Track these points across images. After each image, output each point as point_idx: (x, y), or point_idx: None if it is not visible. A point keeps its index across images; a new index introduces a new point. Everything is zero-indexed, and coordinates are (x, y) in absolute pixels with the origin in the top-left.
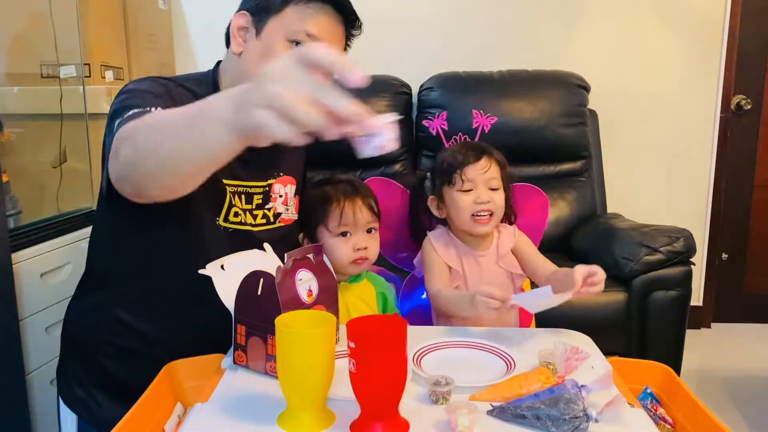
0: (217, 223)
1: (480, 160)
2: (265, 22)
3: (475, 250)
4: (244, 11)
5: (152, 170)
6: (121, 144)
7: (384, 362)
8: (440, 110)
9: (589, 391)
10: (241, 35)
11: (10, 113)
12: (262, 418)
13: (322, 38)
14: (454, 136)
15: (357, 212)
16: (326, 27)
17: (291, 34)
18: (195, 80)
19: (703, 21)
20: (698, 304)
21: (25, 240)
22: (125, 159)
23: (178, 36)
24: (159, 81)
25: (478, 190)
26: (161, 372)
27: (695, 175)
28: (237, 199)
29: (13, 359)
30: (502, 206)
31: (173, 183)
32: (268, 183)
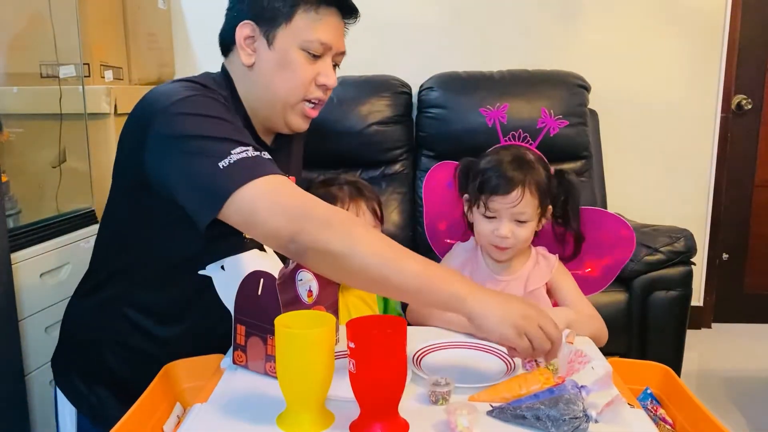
0: (243, 236)
1: (510, 194)
2: (275, 32)
3: (498, 274)
4: (248, 21)
5: (349, 276)
6: (307, 224)
7: (384, 362)
8: (502, 102)
9: (589, 392)
10: (248, 45)
11: (10, 113)
12: (261, 418)
13: (333, 43)
14: (513, 132)
15: (361, 216)
16: (334, 30)
17: (304, 44)
18: (213, 80)
19: (703, 21)
20: (698, 304)
21: (24, 240)
22: (317, 244)
23: (177, 36)
24: (208, 95)
25: (501, 221)
26: (160, 372)
27: (695, 175)
28: None
29: (12, 359)
30: (526, 239)
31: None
32: None
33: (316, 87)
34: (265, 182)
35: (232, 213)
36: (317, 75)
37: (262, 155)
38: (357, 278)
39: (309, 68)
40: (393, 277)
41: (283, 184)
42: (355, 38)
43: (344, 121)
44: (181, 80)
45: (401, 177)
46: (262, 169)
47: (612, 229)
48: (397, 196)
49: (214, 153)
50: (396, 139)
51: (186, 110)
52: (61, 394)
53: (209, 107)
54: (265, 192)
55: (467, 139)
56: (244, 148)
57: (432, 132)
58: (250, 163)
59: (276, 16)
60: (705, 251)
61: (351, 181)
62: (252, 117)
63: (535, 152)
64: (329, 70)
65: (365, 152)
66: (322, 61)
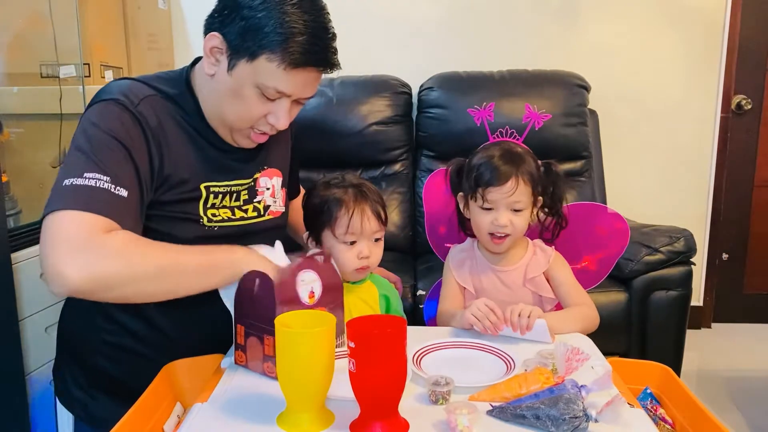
0: (201, 223)
1: (505, 184)
2: (237, 62)
3: (496, 265)
4: (217, 34)
5: (145, 296)
6: (97, 255)
7: (384, 362)
8: (489, 101)
9: (589, 391)
10: (214, 54)
11: (10, 113)
12: (261, 418)
13: (292, 92)
14: (500, 129)
15: (365, 221)
16: (300, 82)
17: (261, 86)
18: (167, 79)
19: (703, 21)
20: (698, 304)
21: (24, 240)
22: (103, 281)
23: (177, 36)
24: (125, 108)
25: (498, 211)
26: (161, 372)
27: (695, 175)
28: (219, 199)
29: (12, 359)
30: (522, 228)
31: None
32: (254, 178)
33: (265, 122)
34: (69, 217)
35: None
36: (268, 113)
37: (110, 189)
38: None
39: (260, 106)
40: (168, 285)
41: (86, 222)
42: (356, 38)
43: (344, 121)
44: (128, 80)
45: (401, 177)
46: (91, 205)
47: (607, 222)
48: (397, 196)
49: (71, 168)
50: (396, 139)
51: (92, 119)
52: (60, 405)
53: (110, 126)
54: (64, 229)
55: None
56: (98, 176)
57: (432, 132)
58: (87, 192)
59: (240, 49)
60: (705, 251)
61: (356, 183)
62: (208, 116)
63: (523, 146)
64: (282, 112)
65: (365, 152)
66: (277, 103)
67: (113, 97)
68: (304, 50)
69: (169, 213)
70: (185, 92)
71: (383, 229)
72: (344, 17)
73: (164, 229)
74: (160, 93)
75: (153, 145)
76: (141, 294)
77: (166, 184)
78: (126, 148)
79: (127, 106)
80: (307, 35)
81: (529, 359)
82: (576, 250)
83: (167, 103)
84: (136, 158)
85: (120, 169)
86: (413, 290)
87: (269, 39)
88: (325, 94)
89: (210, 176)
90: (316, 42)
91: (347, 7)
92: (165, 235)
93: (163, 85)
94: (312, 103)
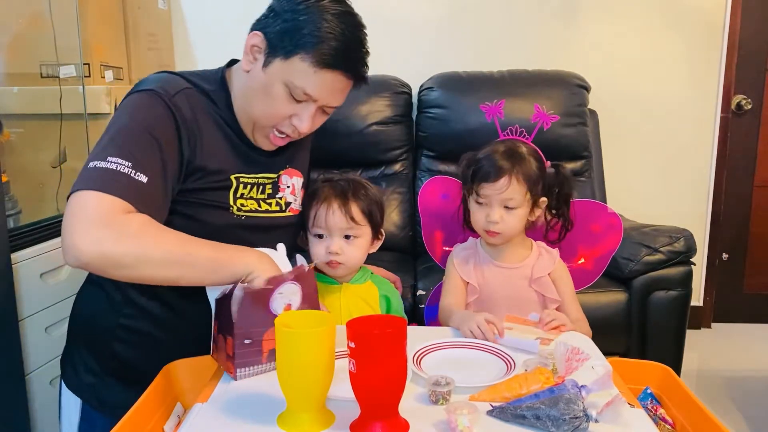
0: (231, 211)
1: (498, 180)
2: (273, 60)
3: (500, 262)
4: (260, 33)
5: (150, 280)
6: (112, 234)
7: (384, 362)
8: (499, 98)
9: (589, 392)
10: (254, 53)
11: (10, 113)
12: (262, 418)
13: (319, 97)
14: (510, 127)
15: (329, 215)
16: (328, 86)
17: (290, 84)
18: (203, 76)
19: (703, 21)
20: (698, 304)
21: (24, 240)
22: (113, 259)
23: (177, 36)
24: (161, 99)
25: (491, 207)
26: (161, 372)
27: (695, 175)
28: (247, 190)
29: (12, 359)
30: (514, 226)
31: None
32: (278, 174)
33: (289, 123)
34: (90, 197)
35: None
36: (293, 115)
37: (129, 174)
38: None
39: (287, 106)
40: (177, 271)
41: (101, 200)
42: None
43: (344, 121)
44: (167, 73)
45: (401, 177)
46: (108, 186)
47: (602, 219)
48: (397, 196)
49: (99, 152)
50: (396, 139)
51: (127, 109)
52: (65, 389)
53: (143, 116)
54: (84, 207)
55: (467, 139)
56: (120, 161)
57: (432, 132)
58: (108, 174)
59: (278, 47)
60: (705, 251)
61: (345, 180)
62: (238, 112)
63: (530, 146)
64: (306, 116)
65: (365, 152)
66: (304, 106)
67: (151, 87)
68: (335, 54)
69: (200, 200)
70: (219, 89)
71: (358, 228)
72: None
73: (195, 215)
74: (196, 87)
75: (185, 137)
76: (146, 277)
77: (199, 173)
78: (155, 138)
79: (163, 97)
80: (341, 42)
81: (529, 359)
82: (572, 248)
83: (202, 97)
84: (164, 149)
85: (144, 156)
86: (413, 290)
87: (305, 40)
88: None
89: (241, 168)
90: (349, 50)
91: None
92: (195, 220)
93: (199, 80)
94: None
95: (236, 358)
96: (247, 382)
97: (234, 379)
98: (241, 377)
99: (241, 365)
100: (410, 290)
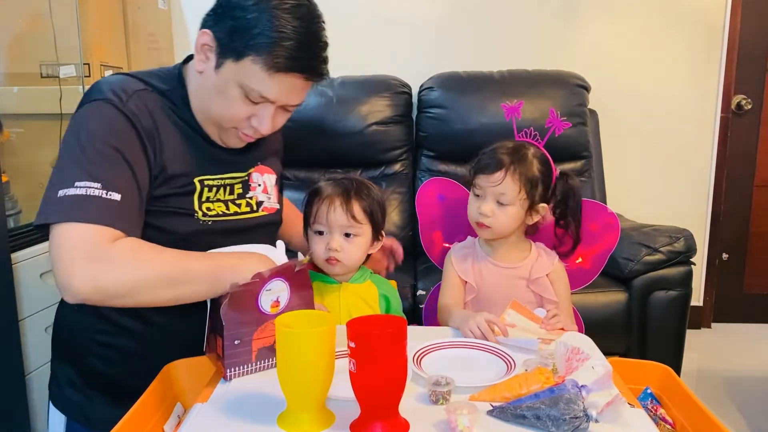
0: (196, 217)
1: (495, 173)
2: (224, 61)
3: (498, 261)
4: (209, 32)
5: (154, 303)
6: (103, 266)
7: (384, 362)
8: (519, 98)
9: (589, 391)
10: (205, 52)
11: (10, 113)
12: (262, 418)
13: (277, 99)
14: (525, 129)
15: (330, 213)
16: (286, 88)
17: (245, 87)
18: (160, 75)
19: (703, 21)
20: (698, 304)
21: (24, 240)
22: (110, 291)
23: (177, 36)
24: (115, 108)
25: (485, 199)
26: (161, 372)
27: (695, 175)
28: (213, 193)
29: (12, 359)
30: (505, 223)
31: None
32: (247, 173)
33: (249, 125)
34: (71, 229)
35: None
36: (251, 116)
37: (102, 196)
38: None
39: (244, 108)
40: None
41: (83, 231)
42: (356, 38)
43: (344, 121)
44: (120, 75)
45: (401, 177)
46: (84, 214)
47: (599, 218)
48: (397, 196)
49: (64, 176)
50: (396, 139)
51: (82, 122)
52: (53, 408)
53: (101, 129)
54: (67, 242)
55: (467, 139)
56: (89, 184)
57: (432, 132)
58: (81, 201)
59: (228, 48)
60: (705, 251)
61: (348, 179)
62: (196, 113)
63: (540, 150)
64: (265, 117)
65: (365, 152)
66: (262, 107)
67: (103, 96)
68: (290, 56)
69: (164, 207)
70: (177, 87)
71: (359, 226)
72: (345, 17)
73: (160, 224)
74: (151, 88)
75: (147, 141)
76: (148, 302)
77: (160, 178)
78: (118, 150)
79: (117, 105)
80: (295, 41)
81: (529, 359)
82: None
83: (159, 98)
84: (129, 158)
85: (112, 172)
86: (413, 290)
87: (256, 41)
88: (325, 94)
89: (204, 169)
90: (303, 49)
91: (348, 7)
92: (161, 230)
93: (155, 80)
94: (312, 103)
95: (226, 358)
96: (247, 383)
97: (224, 379)
98: (231, 377)
99: (231, 365)
100: (410, 290)
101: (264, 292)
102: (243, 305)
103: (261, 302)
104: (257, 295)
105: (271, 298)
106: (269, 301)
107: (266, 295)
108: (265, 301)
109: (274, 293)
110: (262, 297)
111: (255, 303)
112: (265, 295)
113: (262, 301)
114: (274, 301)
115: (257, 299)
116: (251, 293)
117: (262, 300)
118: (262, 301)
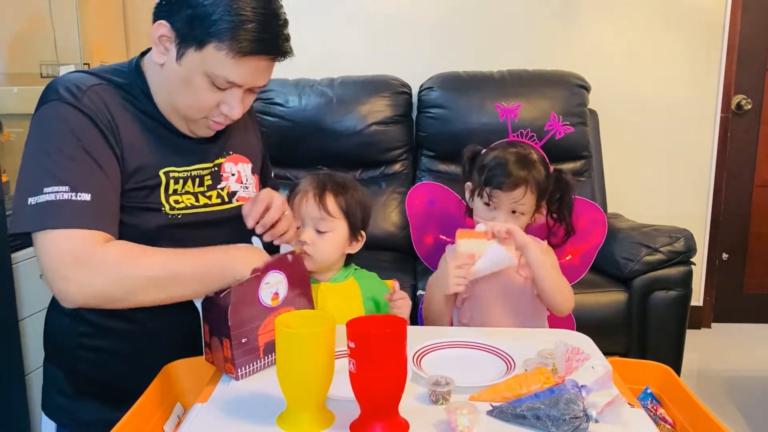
0: (163, 211)
1: (514, 191)
2: (186, 51)
3: None
4: (165, 22)
5: (148, 303)
6: (93, 273)
7: (384, 362)
8: (519, 99)
9: (589, 392)
10: (163, 43)
11: (10, 113)
12: (262, 418)
13: (244, 82)
14: (521, 130)
15: (303, 205)
16: (250, 71)
17: (210, 75)
18: (118, 70)
19: (703, 21)
20: (698, 304)
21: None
22: (105, 295)
23: None
24: (70, 106)
25: (500, 211)
26: (161, 372)
27: (695, 175)
28: (180, 185)
29: (12, 359)
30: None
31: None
32: (216, 163)
33: (219, 112)
34: (51, 237)
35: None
36: (220, 103)
37: (71, 198)
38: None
39: (212, 95)
40: (169, 291)
41: (64, 238)
42: (356, 38)
43: (344, 121)
44: (75, 73)
45: (401, 177)
46: (57, 220)
47: (585, 214)
48: (397, 196)
49: (31, 183)
50: (396, 139)
51: (41, 125)
52: (43, 415)
53: (60, 129)
54: (52, 251)
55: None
56: (56, 189)
57: (432, 132)
58: (52, 208)
59: (188, 37)
60: (705, 251)
61: (329, 173)
62: (161, 105)
63: (538, 151)
64: (234, 102)
65: (365, 152)
66: (230, 92)
67: (58, 96)
68: (253, 38)
69: (131, 203)
70: (136, 80)
71: (331, 220)
72: (344, 17)
73: (128, 220)
74: (107, 82)
75: (108, 135)
76: (142, 303)
77: (125, 173)
78: (82, 149)
79: (73, 103)
80: (256, 22)
81: (529, 359)
82: (560, 245)
83: (116, 91)
84: (94, 154)
85: (78, 172)
86: (413, 290)
87: (217, 27)
88: (325, 94)
89: (169, 161)
90: (265, 29)
91: (348, 7)
92: (130, 226)
93: (112, 75)
94: (312, 103)
95: (236, 358)
96: (247, 382)
97: (236, 379)
98: (242, 376)
99: (241, 364)
100: (410, 290)
101: (263, 286)
102: (246, 302)
103: (261, 296)
104: (257, 290)
105: (270, 291)
106: (269, 294)
107: (265, 288)
108: (266, 295)
109: (272, 286)
110: (262, 291)
111: (256, 298)
112: (265, 289)
113: (263, 295)
114: (273, 294)
115: (257, 294)
116: (252, 289)
117: (262, 294)
118: (262, 295)
